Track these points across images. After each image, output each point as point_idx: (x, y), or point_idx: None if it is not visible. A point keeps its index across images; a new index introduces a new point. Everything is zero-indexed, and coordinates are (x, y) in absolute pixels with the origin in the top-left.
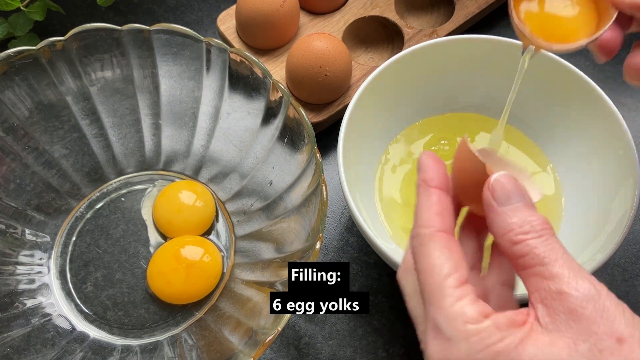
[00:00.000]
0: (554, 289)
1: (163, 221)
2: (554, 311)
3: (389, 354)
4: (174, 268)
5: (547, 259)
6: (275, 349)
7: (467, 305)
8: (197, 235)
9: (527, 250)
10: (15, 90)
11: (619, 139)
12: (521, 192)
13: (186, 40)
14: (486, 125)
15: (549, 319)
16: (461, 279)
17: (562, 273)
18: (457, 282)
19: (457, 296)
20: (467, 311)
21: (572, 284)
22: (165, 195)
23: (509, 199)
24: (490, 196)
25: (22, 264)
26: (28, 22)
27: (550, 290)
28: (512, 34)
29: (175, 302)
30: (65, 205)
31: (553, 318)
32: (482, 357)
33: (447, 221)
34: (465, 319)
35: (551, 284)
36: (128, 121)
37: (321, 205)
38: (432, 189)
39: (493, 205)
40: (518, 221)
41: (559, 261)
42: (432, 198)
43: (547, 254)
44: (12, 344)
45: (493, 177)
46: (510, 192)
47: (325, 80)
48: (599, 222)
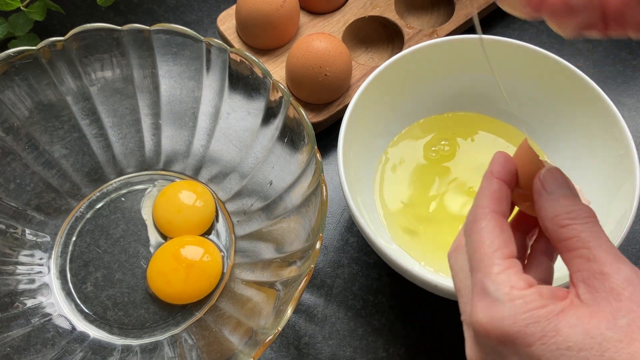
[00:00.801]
0: (597, 269)
1: (163, 221)
2: (595, 289)
3: (389, 354)
4: (174, 268)
5: (592, 243)
6: (275, 349)
7: (514, 274)
8: (197, 235)
9: (573, 233)
10: (15, 90)
11: (619, 139)
12: (569, 184)
13: (186, 40)
14: (486, 125)
15: (589, 296)
16: (509, 254)
17: (605, 257)
18: (505, 255)
19: (505, 266)
20: (513, 279)
21: (614, 266)
22: (165, 195)
23: (558, 187)
24: (540, 184)
25: (22, 263)
26: (28, 22)
27: (593, 271)
28: (511, 34)
29: (175, 302)
30: (65, 205)
31: (594, 295)
32: (524, 318)
33: (504, 206)
34: (512, 284)
35: (594, 265)
36: (128, 121)
37: (321, 205)
38: (494, 179)
39: (542, 191)
40: (565, 207)
41: (603, 247)
42: (493, 185)
43: (592, 239)
44: (12, 344)
45: (545, 168)
46: (560, 182)
47: (325, 80)
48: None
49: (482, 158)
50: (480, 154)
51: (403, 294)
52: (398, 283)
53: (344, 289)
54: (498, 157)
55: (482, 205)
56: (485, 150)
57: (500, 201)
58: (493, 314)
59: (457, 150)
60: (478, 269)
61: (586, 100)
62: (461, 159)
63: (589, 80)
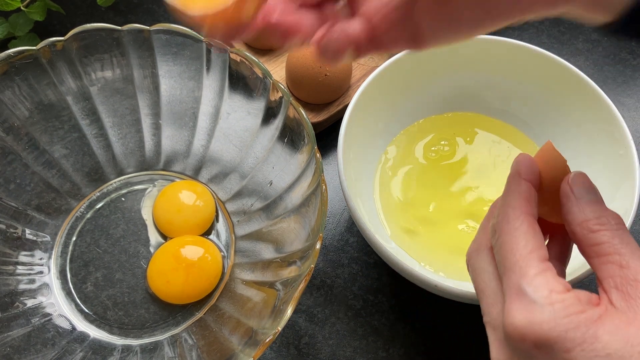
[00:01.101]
0: (631, 276)
1: (163, 221)
2: (629, 296)
3: (389, 354)
4: (174, 268)
5: (624, 250)
6: (275, 349)
7: (552, 277)
8: (197, 235)
9: (604, 239)
10: (15, 90)
11: (619, 139)
12: (596, 190)
13: (186, 40)
14: (486, 125)
15: (624, 303)
16: (545, 256)
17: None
18: (541, 257)
19: (542, 268)
20: (552, 282)
21: None
22: (166, 195)
23: (587, 192)
24: (568, 188)
25: (22, 263)
26: (28, 22)
27: (627, 277)
28: (511, 34)
29: (175, 302)
30: (66, 205)
31: (629, 302)
32: (565, 323)
33: (534, 208)
34: (550, 287)
35: (627, 272)
36: (128, 121)
37: (321, 205)
38: (522, 180)
39: (571, 196)
40: (595, 212)
41: (635, 254)
42: (522, 186)
43: (623, 246)
44: (13, 344)
45: (573, 172)
46: (588, 187)
47: (325, 80)
48: None
49: (481, 158)
50: (480, 154)
51: (403, 294)
52: (398, 283)
53: (344, 289)
54: (524, 159)
55: (514, 206)
56: (485, 150)
57: (530, 203)
58: (531, 317)
59: (456, 150)
60: (513, 270)
61: (586, 100)
62: (461, 159)
63: (589, 80)
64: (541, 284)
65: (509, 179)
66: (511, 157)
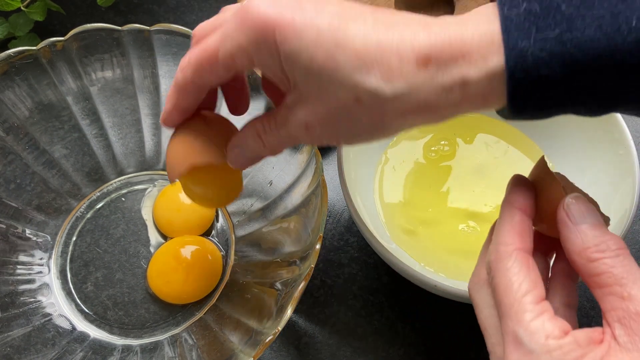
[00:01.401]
0: (633, 309)
1: (163, 221)
2: (632, 331)
3: (389, 354)
4: (174, 268)
5: (625, 280)
6: (275, 349)
7: (548, 321)
8: (197, 235)
9: (604, 269)
10: (15, 90)
11: (619, 139)
12: (595, 212)
13: (186, 40)
14: (486, 125)
15: (627, 339)
16: (540, 296)
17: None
18: (536, 298)
19: (538, 311)
20: (548, 326)
21: None
22: (166, 195)
23: (584, 217)
24: (565, 214)
25: (22, 263)
26: (28, 22)
27: (629, 311)
28: None
29: (175, 302)
30: (66, 205)
31: (632, 338)
32: None
33: (527, 241)
34: (547, 333)
35: (630, 305)
36: (128, 121)
37: (321, 205)
38: (515, 209)
39: (568, 223)
40: (594, 239)
41: (638, 283)
42: (515, 218)
43: (625, 275)
44: (13, 344)
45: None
46: (585, 211)
47: None
48: None
49: (481, 158)
50: (479, 154)
51: (403, 294)
52: (398, 283)
53: (344, 289)
54: (517, 184)
55: (506, 242)
56: (485, 151)
57: (524, 236)
58: None
59: (456, 150)
60: (509, 315)
61: None
62: (461, 159)
63: None
64: (537, 329)
65: (502, 206)
66: (511, 157)
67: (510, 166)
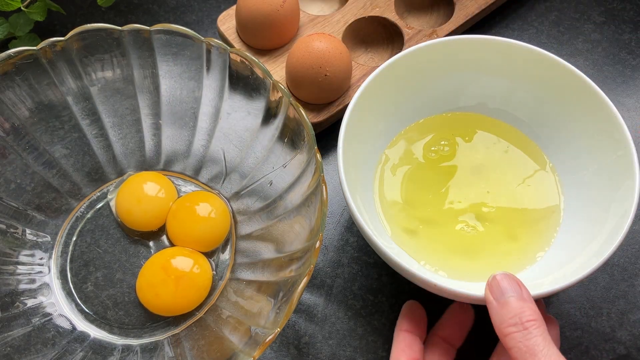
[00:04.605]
0: None
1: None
2: None
3: (389, 354)
4: (163, 280)
5: (528, 354)
6: (275, 349)
7: None
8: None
9: (512, 343)
10: (15, 91)
11: (619, 139)
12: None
13: (186, 40)
14: (486, 125)
15: None
16: None
17: None
18: None
19: None
20: None
21: None
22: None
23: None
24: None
25: (22, 263)
26: (28, 22)
27: None
28: (511, 34)
29: (164, 314)
30: (66, 205)
31: None
32: None
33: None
34: None
35: None
36: (128, 121)
37: (321, 205)
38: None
39: (491, 299)
40: (508, 314)
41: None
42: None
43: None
44: (13, 344)
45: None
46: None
47: (325, 80)
48: (599, 222)
49: (481, 158)
50: (479, 154)
51: (403, 294)
52: (398, 283)
53: (344, 288)
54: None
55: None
56: (485, 150)
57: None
58: None
59: (456, 150)
60: None
61: (586, 100)
62: (461, 159)
63: (588, 80)
64: None
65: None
66: (511, 157)
67: (510, 166)
